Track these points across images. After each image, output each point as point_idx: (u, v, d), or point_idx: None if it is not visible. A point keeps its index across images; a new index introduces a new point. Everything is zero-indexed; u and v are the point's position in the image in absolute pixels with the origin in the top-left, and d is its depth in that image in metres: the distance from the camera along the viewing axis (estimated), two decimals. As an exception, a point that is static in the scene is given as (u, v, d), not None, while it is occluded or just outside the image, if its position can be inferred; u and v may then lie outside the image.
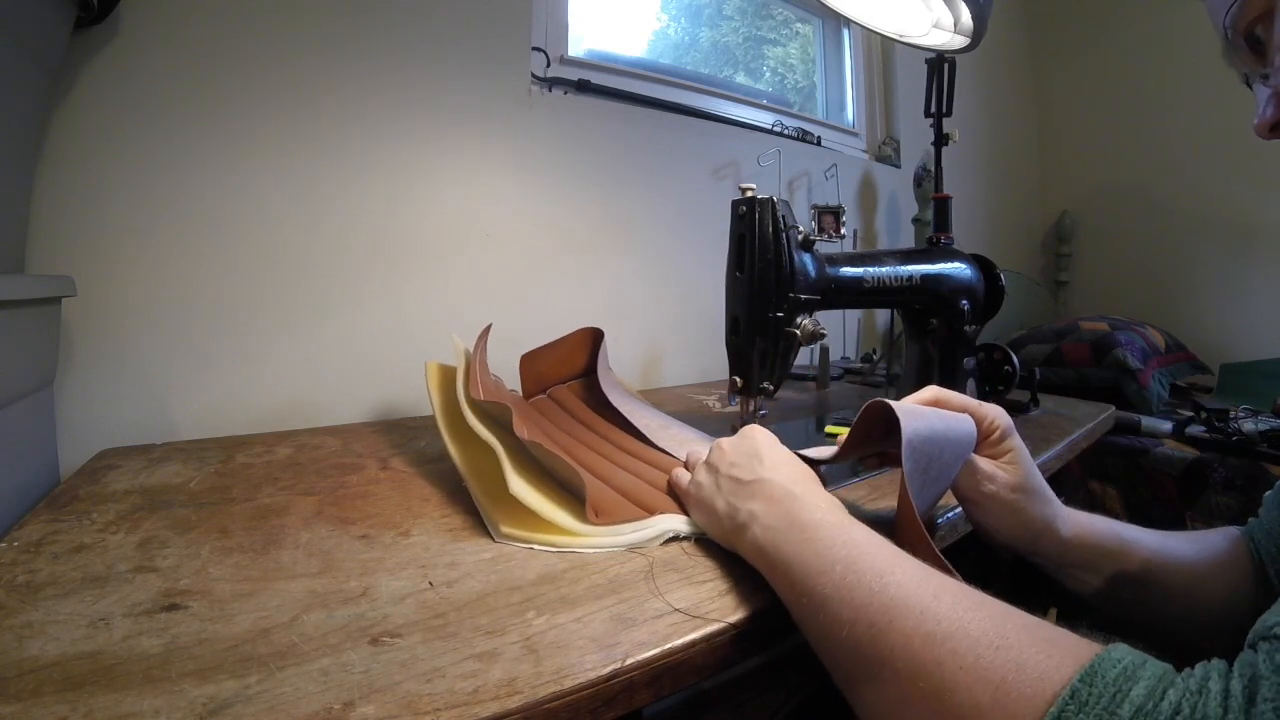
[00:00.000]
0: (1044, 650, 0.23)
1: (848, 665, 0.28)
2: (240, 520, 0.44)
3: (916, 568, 0.29)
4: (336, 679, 0.26)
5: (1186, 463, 1.03)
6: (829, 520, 0.33)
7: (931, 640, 0.25)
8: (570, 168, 0.97)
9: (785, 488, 0.36)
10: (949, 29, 0.82)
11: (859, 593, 0.28)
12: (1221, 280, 1.64)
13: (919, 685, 0.25)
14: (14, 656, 0.28)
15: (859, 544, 0.31)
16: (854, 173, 1.42)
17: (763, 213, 0.56)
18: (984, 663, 0.23)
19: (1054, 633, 0.25)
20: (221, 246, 0.71)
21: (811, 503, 0.35)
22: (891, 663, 0.26)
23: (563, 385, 0.73)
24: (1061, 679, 0.22)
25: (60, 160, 0.62)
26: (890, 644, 0.26)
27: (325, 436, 0.69)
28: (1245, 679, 0.21)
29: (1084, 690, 0.21)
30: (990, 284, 0.76)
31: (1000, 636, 0.24)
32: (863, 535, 0.32)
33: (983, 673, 0.23)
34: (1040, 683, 0.22)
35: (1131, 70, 1.77)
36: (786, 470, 0.38)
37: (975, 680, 0.23)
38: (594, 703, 0.27)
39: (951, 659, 0.24)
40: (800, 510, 0.34)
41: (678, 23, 1.35)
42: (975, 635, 0.24)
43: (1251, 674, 0.21)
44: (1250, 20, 0.36)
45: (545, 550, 0.40)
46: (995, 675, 0.23)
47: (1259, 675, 0.21)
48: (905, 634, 0.26)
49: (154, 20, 0.66)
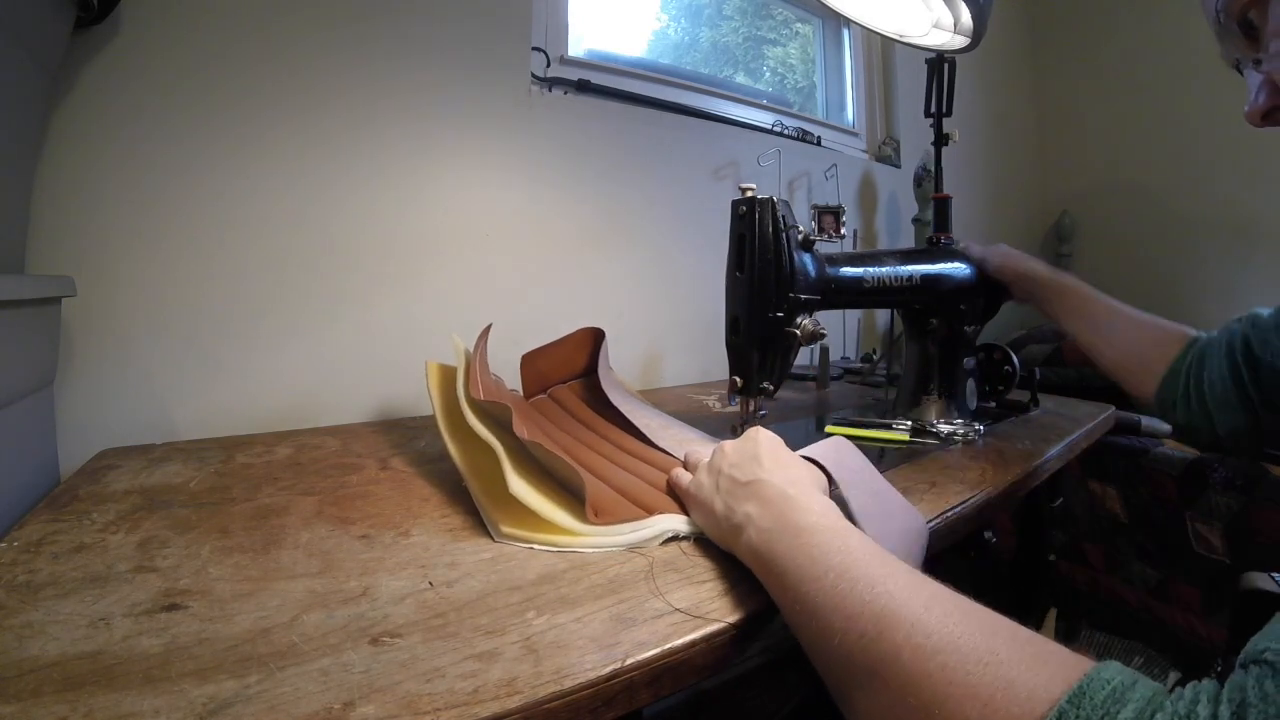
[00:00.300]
0: (1033, 667, 0.23)
1: (839, 673, 0.28)
2: (240, 520, 0.44)
3: (909, 577, 0.29)
4: (336, 679, 0.26)
5: (1186, 463, 1.03)
6: (823, 525, 0.33)
7: (921, 654, 0.25)
8: (570, 168, 0.97)
9: (781, 490, 0.36)
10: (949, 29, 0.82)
11: (851, 601, 0.28)
12: (1222, 280, 1.64)
13: (908, 700, 0.25)
14: (14, 656, 0.28)
15: (852, 551, 0.31)
16: (854, 173, 1.42)
17: (763, 213, 0.56)
18: (973, 679, 0.23)
19: (1044, 648, 0.25)
20: (221, 247, 0.71)
21: (806, 505, 0.34)
22: (882, 674, 0.26)
23: (563, 385, 0.73)
24: (1049, 698, 0.22)
25: (60, 160, 0.62)
26: (880, 655, 0.26)
27: (325, 436, 0.69)
28: (1234, 704, 0.21)
29: (1071, 712, 0.21)
30: (990, 284, 0.76)
31: (990, 652, 0.24)
32: (857, 542, 0.31)
33: (971, 689, 0.23)
34: (1028, 702, 0.22)
35: (1132, 70, 1.77)
36: (784, 473, 0.38)
37: (964, 695, 0.23)
38: (594, 703, 0.27)
39: (941, 674, 0.24)
40: (795, 513, 0.34)
41: (678, 23, 1.35)
42: (965, 650, 0.24)
43: (1240, 699, 0.21)
44: (1244, 4, 0.36)
45: (545, 550, 0.40)
46: (984, 692, 0.23)
47: (1247, 702, 0.21)
48: (895, 645, 0.26)
49: (156, 21, 0.66)
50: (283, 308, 0.75)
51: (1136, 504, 1.11)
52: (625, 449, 0.57)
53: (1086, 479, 1.18)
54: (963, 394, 0.74)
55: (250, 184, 0.73)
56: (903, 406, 0.76)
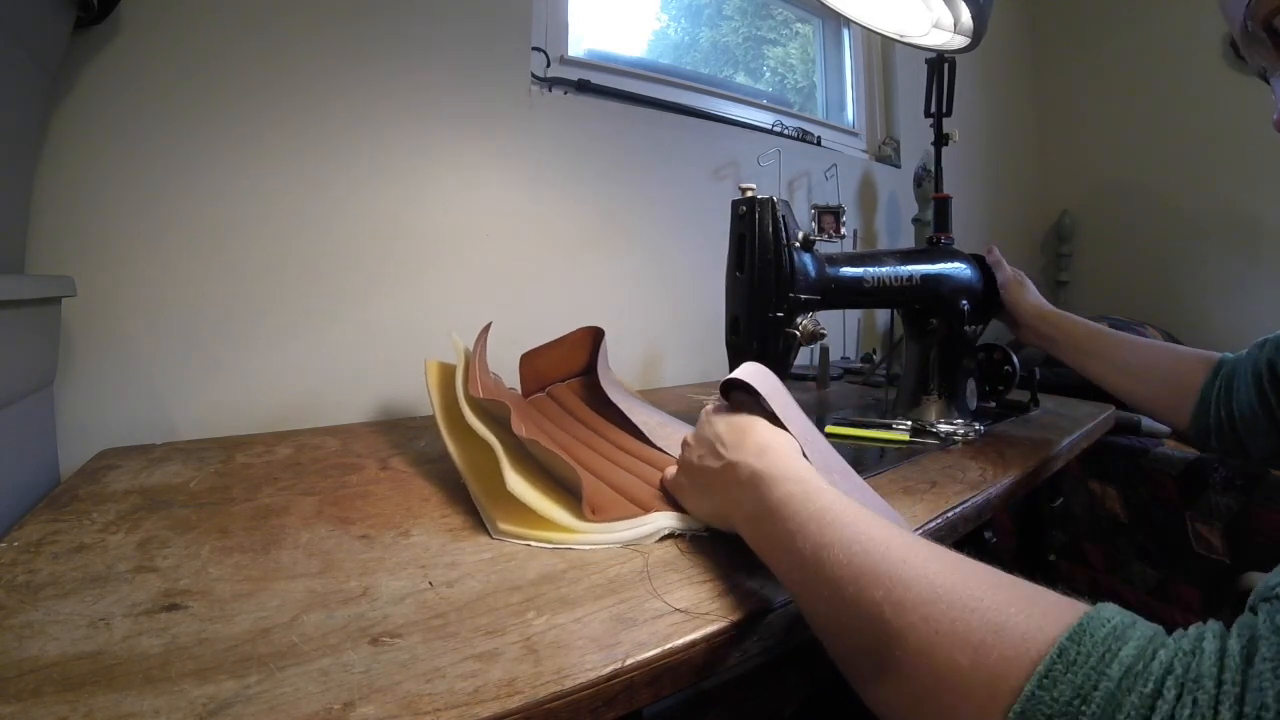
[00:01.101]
0: (1024, 610, 0.23)
1: (833, 636, 0.29)
2: (240, 520, 0.44)
3: (884, 531, 0.29)
4: (336, 679, 0.26)
5: (1186, 463, 1.03)
6: (795, 493, 0.33)
7: (902, 608, 0.25)
8: (570, 168, 0.97)
9: (750, 468, 0.36)
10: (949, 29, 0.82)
11: (830, 568, 0.28)
12: (1222, 280, 1.64)
13: (895, 653, 0.25)
14: (14, 656, 0.28)
15: (825, 514, 0.31)
16: (854, 173, 1.42)
17: (763, 213, 0.56)
18: (959, 627, 0.23)
19: (1032, 591, 0.24)
20: (221, 247, 0.71)
21: (778, 475, 0.35)
22: (869, 631, 0.26)
23: (562, 384, 0.73)
24: (1045, 639, 0.21)
25: (60, 160, 0.62)
26: (866, 614, 0.26)
27: (325, 436, 0.69)
28: (1244, 639, 0.20)
29: (1072, 649, 0.21)
30: (990, 284, 0.76)
31: (974, 599, 0.24)
32: (828, 501, 0.32)
33: (959, 636, 0.23)
34: (1023, 643, 0.22)
35: (1132, 70, 1.77)
36: (746, 445, 0.38)
37: (952, 645, 0.23)
38: (594, 703, 0.27)
39: (925, 624, 0.24)
40: (766, 489, 0.34)
41: (678, 23, 1.35)
42: (947, 599, 0.24)
43: (1250, 634, 0.20)
44: (1270, 11, 0.35)
45: (542, 547, 0.40)
46: (974, 638, 0.23)
47: (1258, 635, 0.20)
48: (876, 603, 0.26)
49: (156, 21, 0.66)
50: (283, 308, 0.75)
51: (1136, 504, 1.11)
52: (623, 447, 0.57)
53: (1086, 479, 1.18)
54: (963, 394, 0.74)
55: (250, 184, 0.73)
56: (903, 406, 0.76)
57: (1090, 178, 1.91)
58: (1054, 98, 1.98)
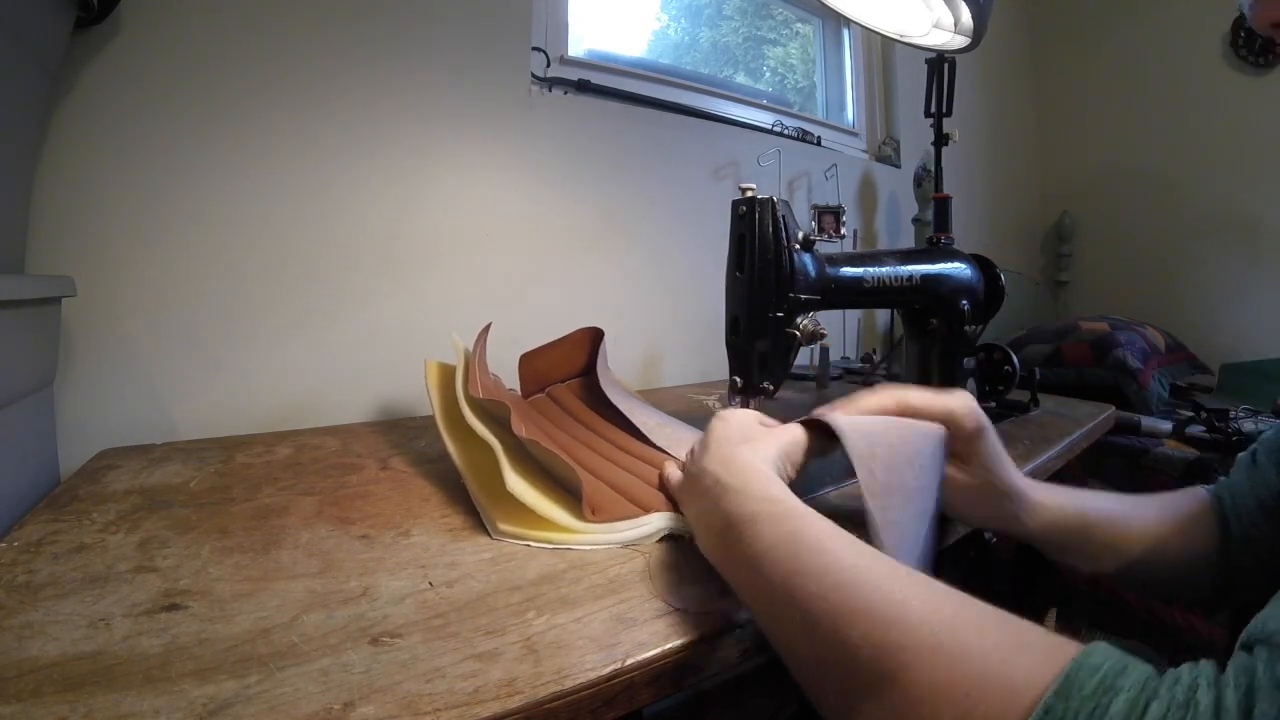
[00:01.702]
0: (1009, 658, 0.22)
1: (806, 672, 0.27)
2: (240, 520, 0.44)
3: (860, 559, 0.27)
4: (336, 679, 0.26)
5: (1186, 463, 1.03)
6: (763, 512, 0.30)
7: (882, 650, 0.23)
8: (570, 168, 0.97)
9: (716, 477, 0.34)
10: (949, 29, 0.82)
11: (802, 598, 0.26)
12: (1222, 280, 1.64)
13: (871, 703, 0.23)
14: (14, 656, 0.28)
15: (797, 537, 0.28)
16: (854, 173, 1.42)
17: (763, 213, 0.56)
18: (940, 677, 0.22)
19: (1019, 634, 0.23)
20: (221, 247, 0.71)
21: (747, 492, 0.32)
22: (845, 673, 0.24)
23: (562, 384, 0.73)
24: (1032, 691, 0.20)
25: (60, 160, 0.62)
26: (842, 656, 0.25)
27: (325, 436, 0.69)
28: (1241, 690, 0.19)
29: (1059, 707, 0.19)
30: (990, 284, 0.76)
31: (958, 645, 0.22)
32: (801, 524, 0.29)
33: (940, 689, 0.22)
34: (1010, 697, 0.20)
35: (1132, 70, 1.78)
36: (726, 457, 0.35)
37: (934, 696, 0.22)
38: (594, 703, 0.27)
39: (905, 674, 0.22)
40: (731, 504, 0.32)
41: (678, 23, 1.35)
42: (929, 644, 0.23)
43: (1248, 683, 0.19)
44: None
45: (542, 547, 0.40)
46: (958, 692, 0.21)
47: (1256, 686, 0.19)
48: (852, 644, 0.24)
49: (156, 21, 0.66)
50: (283, 308, 0.75)
51: (1136, 504, 1.11)
52: (623, 447, 0.57)
53: (1087, 479, 1.18)
54: (963, 394, 0.74)
55: (250, 184, 0.73)
56: (903, 406, 0.76)
57: (1090, 178, 1.91)
58: (1054, 97, 1.98)
